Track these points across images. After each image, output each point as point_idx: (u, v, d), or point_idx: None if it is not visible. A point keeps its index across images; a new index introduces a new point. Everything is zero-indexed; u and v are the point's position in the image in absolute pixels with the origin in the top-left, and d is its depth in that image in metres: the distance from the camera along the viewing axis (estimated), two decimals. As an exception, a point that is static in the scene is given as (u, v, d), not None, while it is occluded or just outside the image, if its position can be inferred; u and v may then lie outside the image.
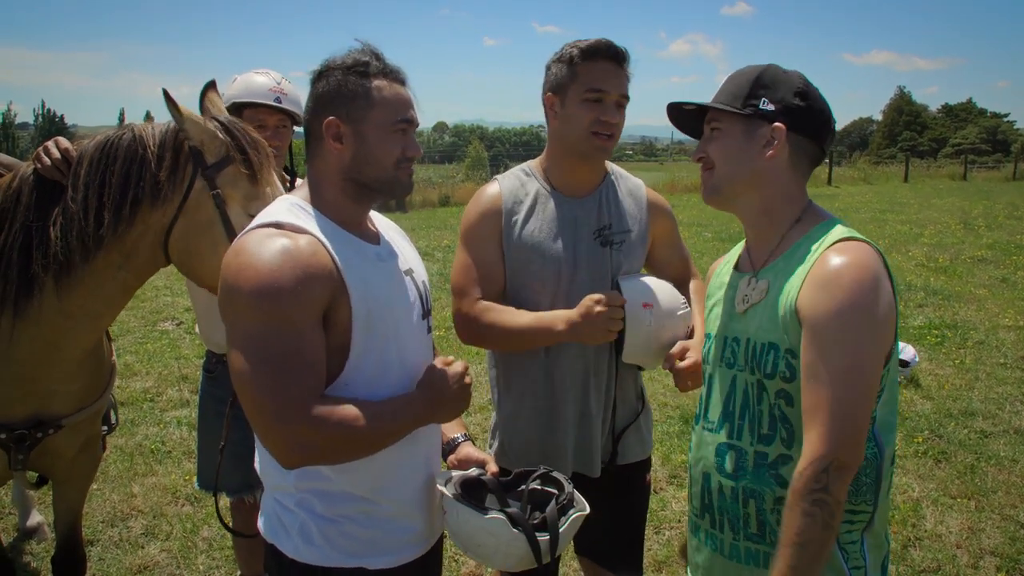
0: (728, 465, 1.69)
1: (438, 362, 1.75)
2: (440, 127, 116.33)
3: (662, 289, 2.21)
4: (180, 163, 2.13)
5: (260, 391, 1.50)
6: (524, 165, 2.38)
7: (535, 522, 1.68)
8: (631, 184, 2.39)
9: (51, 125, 41.16)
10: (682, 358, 2.14)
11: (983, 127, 64.54)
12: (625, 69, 2.19)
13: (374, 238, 1.79)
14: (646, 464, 2.47)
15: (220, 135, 2.16)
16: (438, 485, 1.77)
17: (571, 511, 1.76)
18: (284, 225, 1.61)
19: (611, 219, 2.28)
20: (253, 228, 1.63)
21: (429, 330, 1.88)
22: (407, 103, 1.72)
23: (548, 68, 2.23)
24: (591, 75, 2.14)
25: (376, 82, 1.67)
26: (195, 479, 3.26)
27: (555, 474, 1.87)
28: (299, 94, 2.78)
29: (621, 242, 2.27)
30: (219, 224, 2.13)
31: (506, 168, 4.02)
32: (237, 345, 1.53)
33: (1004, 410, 5.52)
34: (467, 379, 1.76)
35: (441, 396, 1.70)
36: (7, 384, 2.25)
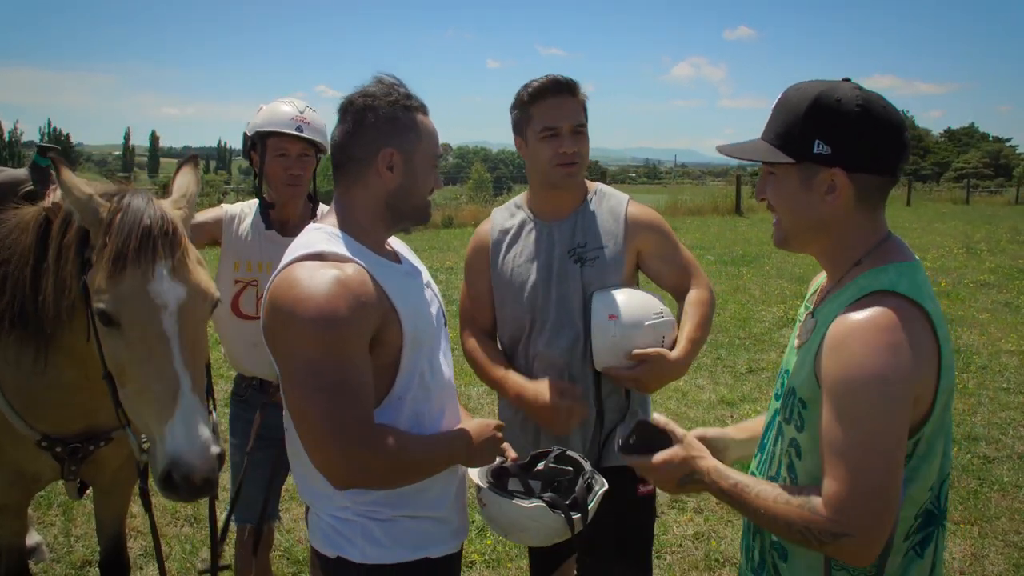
0: None
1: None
2: (443, 149, 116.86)
3: (632, 301, 2.30)
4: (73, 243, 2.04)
5: (319, 416, 1.56)
6: (517, 197, 2.60)
7: (568, 502, 1.91)
8: (613, 202, 2.47)
9: (57, 144, 41.46)
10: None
11: (985, 151, 64.81)
12: (575, 98, 2.34)
13: (396, 257, 1.87)
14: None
15: (100, 212, 1.91)
16: (476, 480, 1.96)
17: (596, 488, 2.00)
18: (327, 255, 1.66)
19: (586, 238, 2.40)
20: (297, 259, 1.66)
21: (447, 336, 1.99)
22: (438, 137, 1.86)
23: (510, 113, 2.41)
24: (542, 114, 2.33)
25: (419, 116, 1.80)
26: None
27: (570, 453, 2.07)
28: (323, 123, 2.77)
29: (595, 258, 2.38)
30: (84, 314, 1.99)
31: (509, 190, 4.11)
32: (294, 374, 1.60)
33: (1007, 435, 5.49)
34: (500, 435, 1.89)
35: (480, 446, 1.83)
36: (60, 405, 2.37)
